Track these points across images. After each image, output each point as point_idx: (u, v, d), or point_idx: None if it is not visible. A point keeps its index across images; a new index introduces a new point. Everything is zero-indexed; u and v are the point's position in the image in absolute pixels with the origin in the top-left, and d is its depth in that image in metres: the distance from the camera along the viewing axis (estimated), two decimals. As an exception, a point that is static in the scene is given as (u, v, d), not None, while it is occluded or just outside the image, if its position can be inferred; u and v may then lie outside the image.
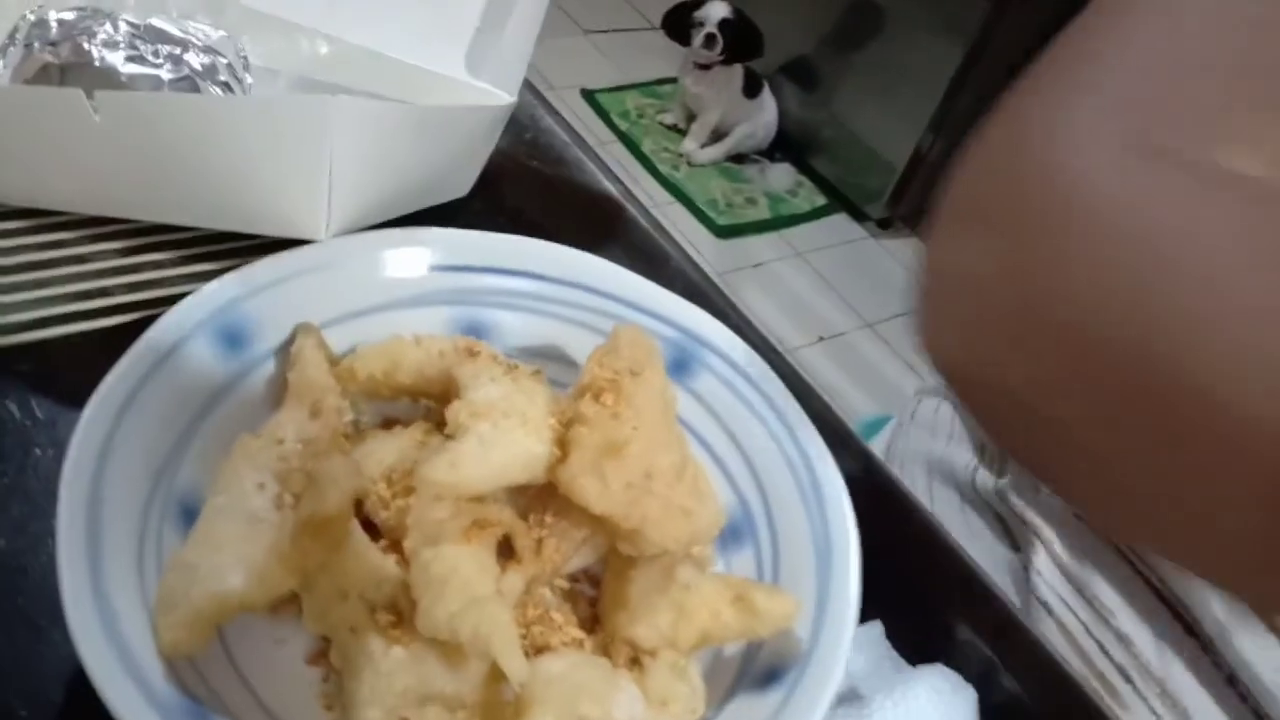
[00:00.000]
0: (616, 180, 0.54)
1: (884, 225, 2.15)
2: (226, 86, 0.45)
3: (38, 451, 0.33)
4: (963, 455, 0.52)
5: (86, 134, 0.35)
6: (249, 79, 0.46)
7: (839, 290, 1.99)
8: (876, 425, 0.74)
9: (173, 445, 0.30)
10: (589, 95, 2.22)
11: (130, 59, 0.42)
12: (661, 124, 2.21)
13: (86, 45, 0.42)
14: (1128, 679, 0.42)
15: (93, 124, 0.35)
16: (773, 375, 0.37)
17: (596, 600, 0.33)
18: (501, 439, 0.29)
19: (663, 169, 2.10)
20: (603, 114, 2.19)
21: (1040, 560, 0.45)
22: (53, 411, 0.34)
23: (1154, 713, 0.42)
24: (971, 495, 0.51)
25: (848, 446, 0.43)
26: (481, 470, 0.29)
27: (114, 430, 0.29)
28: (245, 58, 0.46)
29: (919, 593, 0.39)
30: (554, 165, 0.53)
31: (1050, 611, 0.45)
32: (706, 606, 0.29)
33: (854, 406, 1.73)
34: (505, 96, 0.45)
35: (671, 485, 0.30)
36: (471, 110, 0.41)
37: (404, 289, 0.37)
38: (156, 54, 0.43)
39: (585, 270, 0.39)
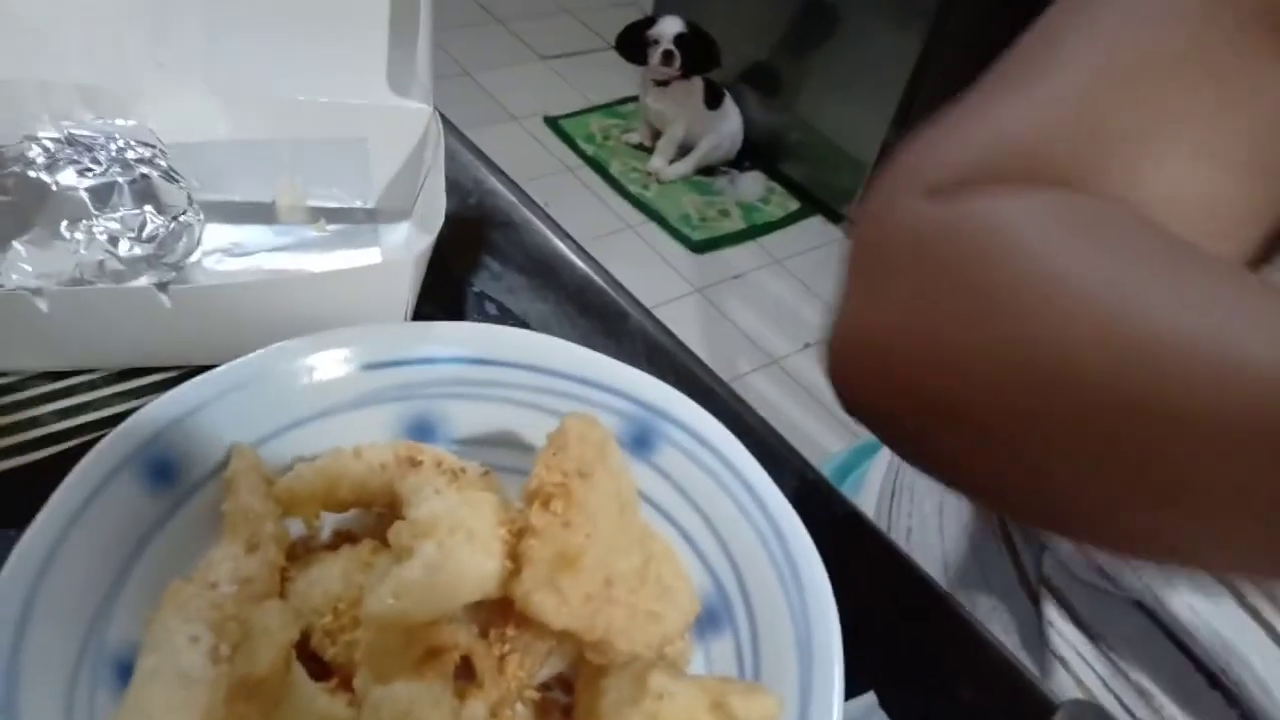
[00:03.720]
0: (567, 237, 0.52)
1: (860, 224, 2.14)
2: (171, 176, 0.43)
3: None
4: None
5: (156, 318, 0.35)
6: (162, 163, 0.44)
7: (821, 294, 1.98)
8: (871, 450, 0.72)
9: (102, 598, 0.29)
10: (552, 122, 2.21)
11: (81, 173, 0.40)
12: (627, 144, 2.20)
13: (32, 174, 0.40)
14: None
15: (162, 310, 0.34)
16: (738, 445, 0.35)
17: (572, 707, 0.31)
18: (448, 559, 0.27)
19: (633, 189, 2.08)
20: (567, 139, 2.18)
21: (1053, 612, 0.43)
22: (-20, 563, 0.32)
23: None
24: (983, 539, 0.49)
25: (827, 497, 0.42)
26: (429, 596, 0.27)
27: (34, 591, 0.27)
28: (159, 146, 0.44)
29: (913, 654, 0.37)
30: (502, 229, 0.52)
31: (1067, 667, 0.42)
32: (683, 717, 0.28)
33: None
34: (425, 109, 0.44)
35: (635, 590, 0.28)
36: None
37: (341, 392, 0.35)
38: (96, 160, 0.42)
39: (531, 350, 0.37)
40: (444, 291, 0.47)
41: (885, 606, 0.38)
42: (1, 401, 0.37)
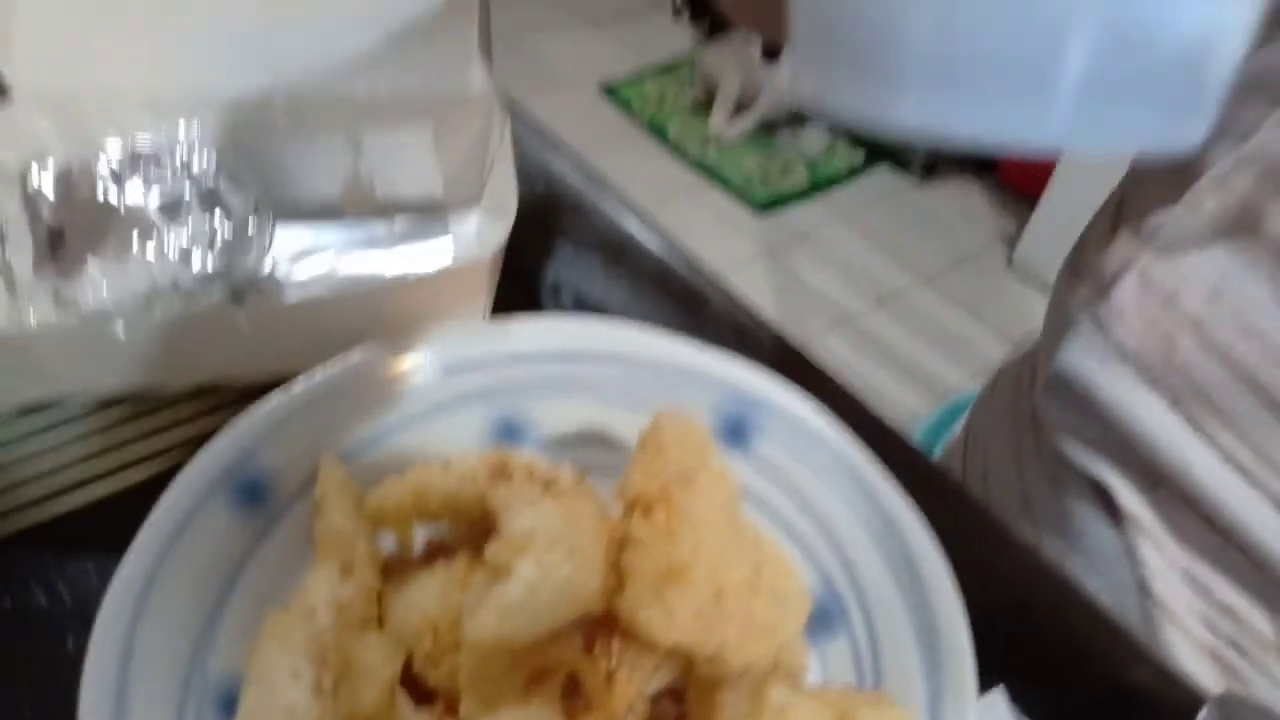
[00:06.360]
0: (639, 216, 0.50)
1: (929, 171, 2.07)
2: (238, 181, 0.42)
3: (70, 641, 0.31)
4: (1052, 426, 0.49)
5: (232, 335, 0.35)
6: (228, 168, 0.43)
7: (891, 247, 1.92)
8: (961, 408, 0.70)
9: (202, 627, 0.28)
10: (608, 89, 2.18)
11: (148, 187, 0.39)
12: (685, 105, 2.16)
13: (101, 193, 0.39)
14: (1241, 652, 0.40)
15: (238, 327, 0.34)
16: (840, 430, 0.33)
17: (684, 718, 0.30)
18: (549, 577, 0.26)
19: (693, 152, 2.05)
20: (624, 105, 2.15)
21: (1136, 539, 0.43)
22: (81, 593, 0.32)
23: (1278, 684, 0.40)
24: (1060, 465, 0.48)
25: (939, 483, 0.40)
26: (530, 617, 0.26)
27: (134, 625, 0.27)
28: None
29: (1040, 644, 0.35)
30: (573, 213, 0.50)
31: (1149, 592, 0.42)
32: (806, 733, 0.26)
33: (924, 365, 1.67)
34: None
35: (747, 601, 0.26)
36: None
37: (425, 398, 0.34)
38: (161, 173, 0.41)
39: (615, 341, 0.36)
40: (519, 283, 0.45)
41: (999, 586, 0.36)
42: (87, 427, 0.37)
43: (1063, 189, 1.73)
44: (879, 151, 2.10)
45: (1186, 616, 0.41)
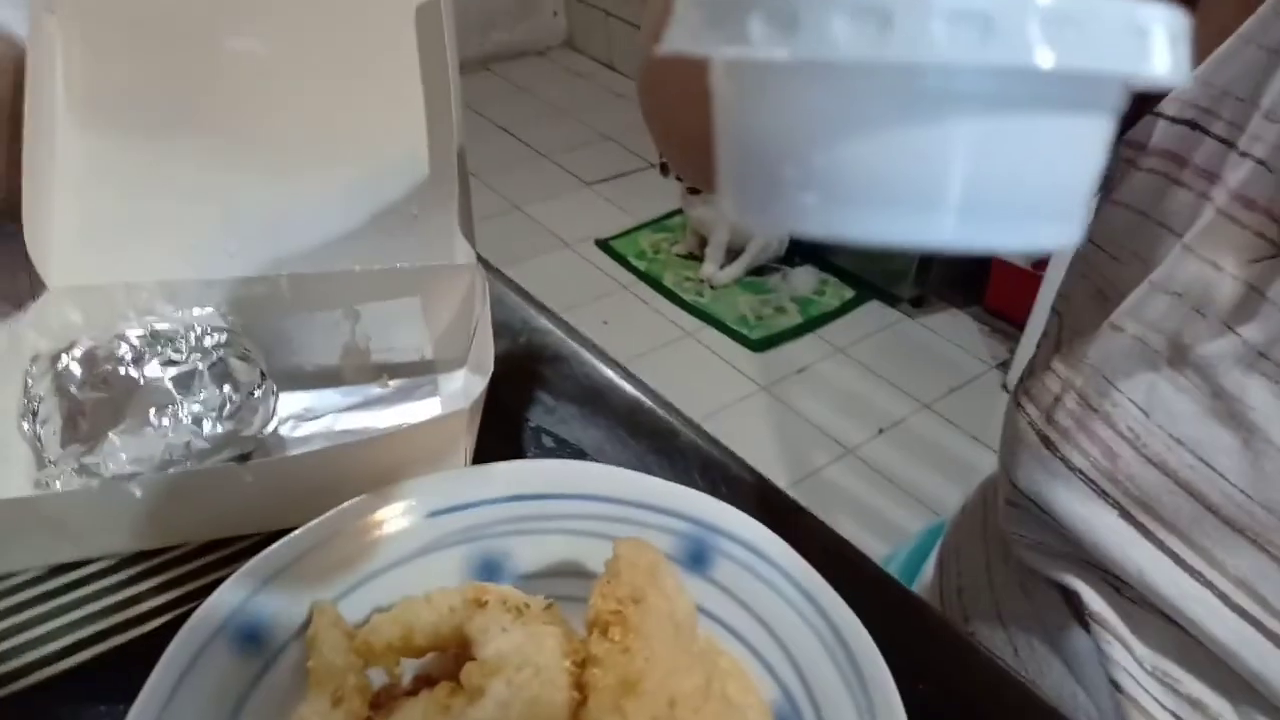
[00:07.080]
0: (614, 363, 0.55)
1: (917, 303, 2.14)
2: (245, 356, 0.47)
3: (84, 787, 0.33)
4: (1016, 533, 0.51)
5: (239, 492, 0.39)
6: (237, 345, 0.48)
7: (888, 377, 1.97)
8: (938, 532, 0.72)
9: (204, 763, 0.30)
10: (603, 244, 2.29)
11: (164, 364, 0.44)
12: (677, 255, 2.26)
13: (122, 370, 0.44)
14: None
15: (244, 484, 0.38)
16: (792, 553, 0.36)
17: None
18: (518, 696, 0.29)
19: (688, 298, 2.13)
20: (619, 259, 2.25)
21: (1105, 639, 0.44)
22: (95, 740, 0.35)
23: None
24: (1028, 574, 0.50)
25: (890, 589, 0.42)
26: (503, 734, 0.28)
27: (143, 764, 0.29)
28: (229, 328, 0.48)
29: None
30: (552, 363, 0.54)
31: (1120, 689, 0.44)
32: (760, 833, 0.28)
33: (928, 491, 1.69)
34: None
35: (699, 709, 0.29)
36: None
37: (410, 542, 0.37)
38: (177, 350, 0.45)
39: (584, 480, 0.39)
40: (503, 429, 0.49)
41: (958, 692, 0.38)
42: (104, 583, 0.40)
43: (1046, 313, 1.78)
44: (867, 288, 2.18)
45: (1159, 713, 0.43)
